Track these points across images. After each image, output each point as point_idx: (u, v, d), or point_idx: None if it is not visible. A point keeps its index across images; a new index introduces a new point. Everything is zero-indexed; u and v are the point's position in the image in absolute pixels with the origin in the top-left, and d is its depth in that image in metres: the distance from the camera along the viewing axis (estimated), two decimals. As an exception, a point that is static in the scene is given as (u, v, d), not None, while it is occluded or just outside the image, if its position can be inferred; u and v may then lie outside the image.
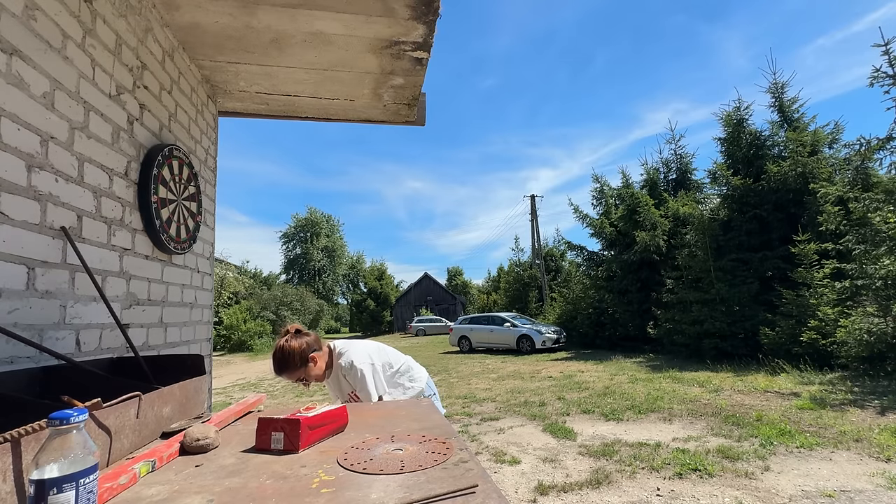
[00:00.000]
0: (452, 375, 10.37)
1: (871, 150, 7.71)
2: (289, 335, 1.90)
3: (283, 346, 1.85)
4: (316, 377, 1.95)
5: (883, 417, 4.93)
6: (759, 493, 3.21)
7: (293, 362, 1.84)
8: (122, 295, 1.73)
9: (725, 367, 8.81)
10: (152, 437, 1.04)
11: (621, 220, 13.87)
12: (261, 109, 2.94)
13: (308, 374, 1.90)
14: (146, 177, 1.86)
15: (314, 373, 1.91)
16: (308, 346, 1.88)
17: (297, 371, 1.86)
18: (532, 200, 27.66)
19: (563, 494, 3.36)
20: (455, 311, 42.12)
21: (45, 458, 0.58)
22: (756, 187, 10.10)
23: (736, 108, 11.09)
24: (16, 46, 1.24)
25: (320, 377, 1.98)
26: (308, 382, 1.94)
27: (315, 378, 1.94)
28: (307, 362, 1.87)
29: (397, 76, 2.55)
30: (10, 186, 1.22)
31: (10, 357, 1.20)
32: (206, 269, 2.55)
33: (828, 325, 7.74)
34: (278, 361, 1.85)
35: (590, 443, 4.57)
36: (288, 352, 1.84)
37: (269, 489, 0.73)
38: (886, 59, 7.12)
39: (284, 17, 1.98)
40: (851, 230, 7.65)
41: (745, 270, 10.08)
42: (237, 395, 8.93)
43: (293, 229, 55.75)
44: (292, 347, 1.85)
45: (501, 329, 15.67)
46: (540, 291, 24.11)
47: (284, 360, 1.84)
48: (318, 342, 1.95)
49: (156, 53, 2.00)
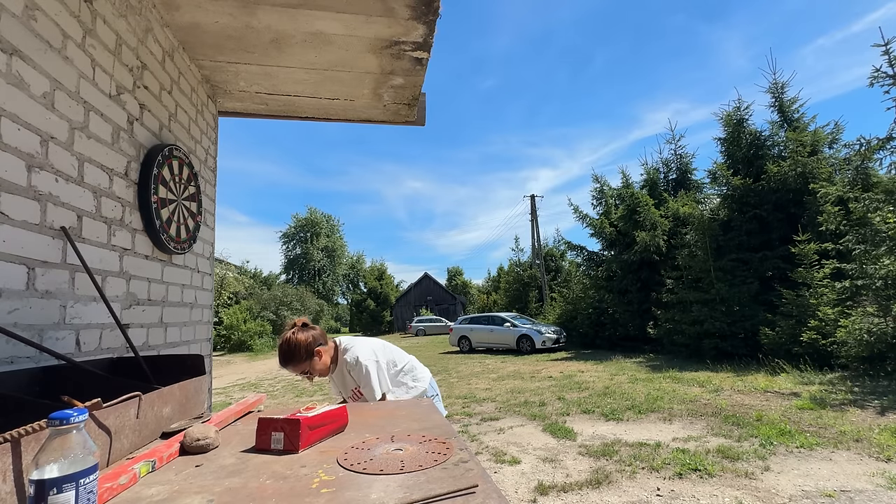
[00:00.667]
0: (452, 375, 10.37)
1: (871, 150, 7.71)
2: (295, 328, 1.91)
3: (290, 339, 1.86)
4: (320, 371, 1.95)
5: (883, 417, 4.93)
6: (759, 493, 3.21)
7: (299, 354, 1.85)
8: (122, 295, 1.73)
9: (725, 367, 8.80)
10: (152, 437, 1.04)
11: (621, 220, 13.87)
12: (261, 109, 2.94)
13: (313, 368, 1.91)
14: (146, 177, 1.86)
15: (319, 367, 1.92)
16: (314, 339, 1.90)
17: (302, 364, 1.87)
18: (532, 200, 27.68)
19: (563, 494, 3.36)
20: (455, 311, 42.13)
21: (45, 458, 0.58)
22: (756, 187, 10.10)
23: (736, 108, 11.11)
24: (16, 46, 1.24)
25: (325, 372, 1.98)
26: (312, 376, 1.95)
27: (319, 372, 1.95)
28: (312, 356, 1.88)
29: (397, 76, 2.55)
30: (10, 186, 1.22)
31: (10, 357, 1.20)
32: (206, 269, 2.55)
33: (828, 325, 7.74)
34: (284, 353, 1.86)
35: (590, 443, 4.56)
36: (294, 344, 1.85)
37: (269, 489, 0.73)
38: (886, 59, 7.13)
39: (284, 17, 1.98)
40: (851, 230, 7.65)
41: (745, 270, 10.08)
42: (237, 395, 8.93)
43: (293, 229, 55.74)
44: (298, 340, 1.86)
45: (501, 329, 15.67)
46: (540, 291, 24.11)
47: (290, 352, 1.85)
48: (324, 337, 1.97)
49: (156, 53, 2.00)
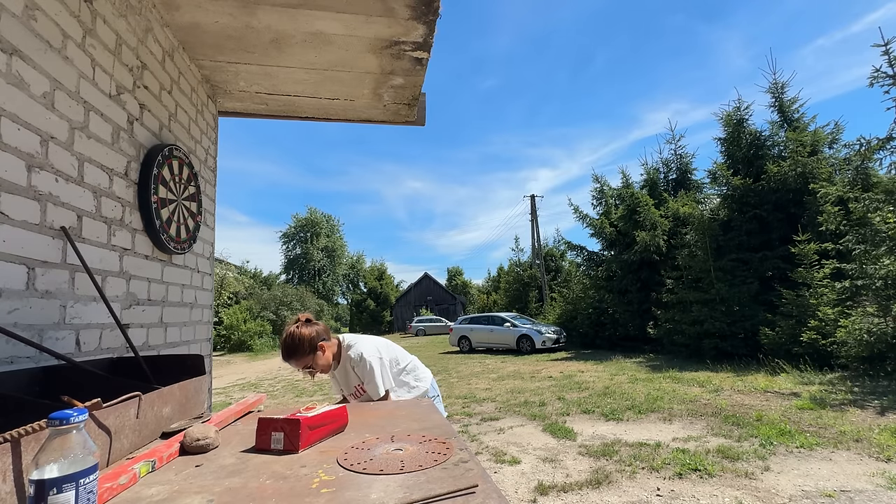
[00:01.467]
0: (452, 375, 10.37)
1: (871, 150, 7.71)
2: (300, 322, 1.92)
3: (294, 332, 1.87)
4: (323, 367, 1.95)
5: (883, 417, 4.93)
6: (759, 493, 3.21)
7: (302, 348, 1.85)
8: (122, 295, 1.73)
9: (725, 367, 8.80)
10: (152, 437, 1.04)
11: (621, 220, 13.87)
12: (261, 109, 2.94)
13: (316, 363, 1.90)
14: (146, 177, 1.86)
15: (321, 362, 1.92)
16: (318, 334, 1.90)
17: (305, 358, 1.87)
18: (532, 200, 27.68)
19: (563, 494, 3.36)
20: (455, 311, 42.13)
21: (45, 458, 0.58)
22: (756, 187, 10.10)
23: (736, 108, 11.11)
24: (16, 46, 1.24)
25: (327, 367, 1.98)
26: (314, 372, 1.94)
27: (322, 367, 1.94)
28: (316, 350, 1.88)
29: (397, 76, 2.55)
30: (10, 186, 1.22)
31: (10, 357, 1.20)
32: (206, 269, 2.55)
33: (828, 325, 7.74)
34: (287, 347, 1.86)
35: (590, 443, 4.56)
36: (298, 337, 1.85)
37: (269, 489, 0.73)
38: (886, 59, 7.13)
39: (284, 17, 1.98)
40: (851, 230, 7.65)
41: (745, 270, 10.08)
42: (237, 395, 8.93)
43: (293, 229, 55.70)
44: (302, 334, 1.86)
45: (501, 329, 15.67)
46: (540, 291, 24.11)
47: (294, 346, 1.85)
48: (327, 332, 1.98)
49: (156, 53, 2.00)
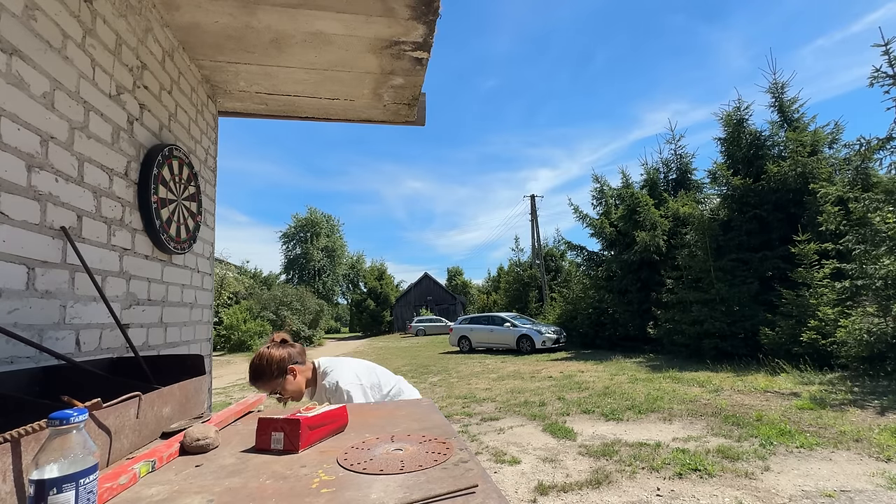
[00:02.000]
0: (452, 375, 10.37)
1: (870, 150, 7.71)
2: (272, 343, 1.77)
3: (262, 353, 1.72)
4: (292, 393, 1.76)
5: (883, 417, 4.93)
6: (759, 493, 3.21)
7: (269, 371, 1.69)
8: (122, 295, 1.73)
9: (725, 367, 8.81)
10: (152, 437, 1.04)
11: (621, 220, 13.87)
12: (261, 109, 2.94)
13: (284, 388, 1.72)
14: (146, 177, 1.85)
15: (291, 387, 1.74)
16: (289, 356, 1.74)
17: (272, 382, 1.70)
18: (532, 200, 27.67)
19: (563, 494, 3.36)
20: (455, 311, 42.12)
21: (45, 458, 0.58)
22: (756, 187, 10.10)
23: (736, 108, 11.12)
24: (16, 46, 1.24)
25: (298, 394, 1.79)
26: (284, 398, 1.77)
27: (291, 394, 1.76)
28: (285, 373, 1.72)
29: (397, 76, 2.55)
30: (10, 186, 1.22)
31: (10, 357, 1.20)
32: (206, 269, 2.55)
33: (828, 325, 7.74)
34: (254, 368, 1.70)
35: (590, 443, 4.56)
36: (266, 359, 1.70)
37: (269, 489, 0.73)
38: (886, 59, 7.13)
39: (284, 17, 1.98)
40: (851, 230, 7.65)
41: (745, 270, 10.08)
42: (237, 395, 8.93)
43: (293, 229, 55.75)
44: (272, 355, 1.70)
45: (501, 329, 15.67)
46: (540, 291, 24.11)
47: (260, 368, 1.69)
48: (302, 355, 1.81)
49: (156, 53, 2.00)
